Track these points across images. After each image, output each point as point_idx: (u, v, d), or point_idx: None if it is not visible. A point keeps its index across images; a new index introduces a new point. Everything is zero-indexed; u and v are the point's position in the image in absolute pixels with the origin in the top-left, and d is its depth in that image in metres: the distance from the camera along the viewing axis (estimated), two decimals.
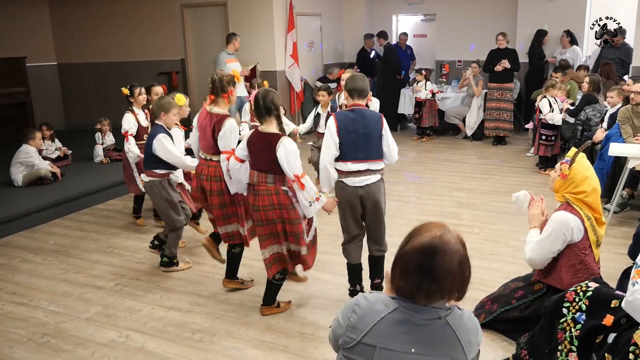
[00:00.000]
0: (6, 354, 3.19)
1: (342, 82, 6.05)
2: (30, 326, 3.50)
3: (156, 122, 4.12)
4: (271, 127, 3.23)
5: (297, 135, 5.62)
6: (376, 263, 3.59)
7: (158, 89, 5.23)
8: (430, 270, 1.52)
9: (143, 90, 5.11)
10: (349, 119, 3.25)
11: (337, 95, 6.29)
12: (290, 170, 3.15)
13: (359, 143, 3.24)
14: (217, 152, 3.59)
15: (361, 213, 3.44)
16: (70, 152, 7.33)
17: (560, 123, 6.72)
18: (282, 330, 3.36)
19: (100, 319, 3.56)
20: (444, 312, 1.59)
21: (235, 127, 3.58)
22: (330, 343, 1.76)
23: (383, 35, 9.62)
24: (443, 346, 1.57)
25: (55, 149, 7.19)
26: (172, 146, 4.06)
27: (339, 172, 3.32)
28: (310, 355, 3.09)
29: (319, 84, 6.09)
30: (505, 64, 8.18)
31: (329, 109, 6.16)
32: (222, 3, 8.95)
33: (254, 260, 4.38)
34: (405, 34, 10.37)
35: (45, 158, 6.59)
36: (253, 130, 3.35)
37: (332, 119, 3.27)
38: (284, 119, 6.11)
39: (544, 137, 6.86)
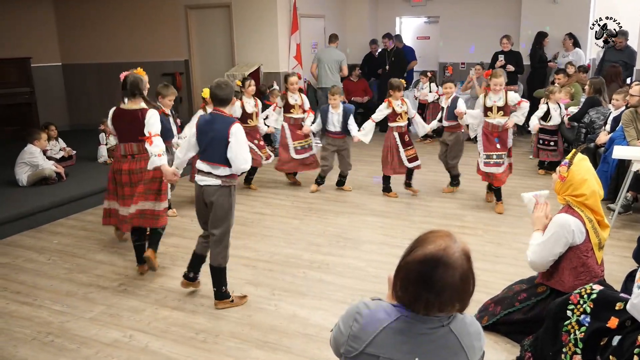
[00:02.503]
0: (11, 352, 3.21)
1: (492, 83, 5.10)
2: (35, 325, 3.51)
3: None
4: (137, 105, 3.95)
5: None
6: (212, 272, 3.62)
7: (294, 79, 6.30)
8: (430, 283, 1.50)
9: (253, 82, 6.26)
10: (206, 121, 3.52)
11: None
12: (147, 129, 3.82)
13: (207, 145, 3.47)
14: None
15: (205, 211, 3.63)
16: (74, 152, 7.35)
17: (535, 132, 6.83)
18: (286, 331, 3.36)
19: (104, 319, 3.57)
20: (446, 320, 1.57)
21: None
22: (331, 348, 1.74)
23: (389, 36, 9.67)
24: (446, 354, 1.56)
25: (60, 149, 7.21)
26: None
27: (197, 169, 3.56)
28: (313, 356, 3.09)
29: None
30: (509, 68, 8.18)
31: (449, 101, 6.09)
32: (226, 4, 8.96)
33: (258, 261, 4.40)
34: (398, 37, 10.33)
35: (49, 158, 6.60)
36: (115, 109, 4.05)
37: (194, 119, 3.78)
38: (420, 120, 6.40)
39: (541, 142, 6.88)
